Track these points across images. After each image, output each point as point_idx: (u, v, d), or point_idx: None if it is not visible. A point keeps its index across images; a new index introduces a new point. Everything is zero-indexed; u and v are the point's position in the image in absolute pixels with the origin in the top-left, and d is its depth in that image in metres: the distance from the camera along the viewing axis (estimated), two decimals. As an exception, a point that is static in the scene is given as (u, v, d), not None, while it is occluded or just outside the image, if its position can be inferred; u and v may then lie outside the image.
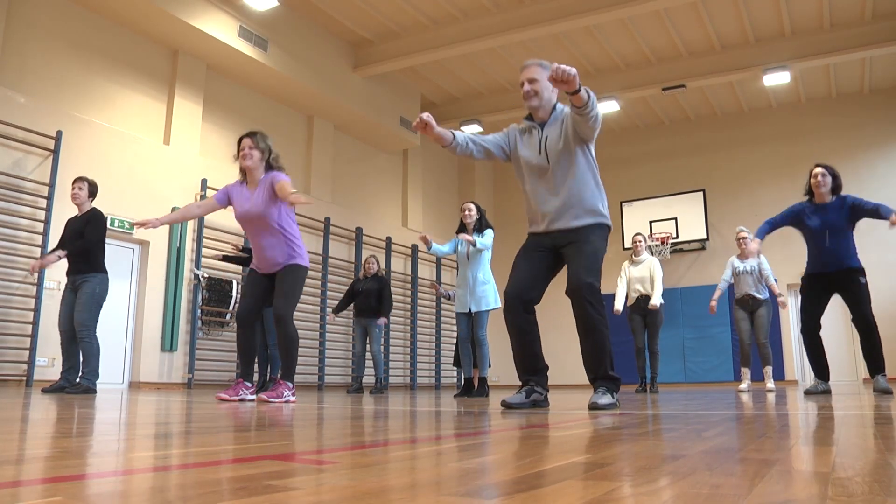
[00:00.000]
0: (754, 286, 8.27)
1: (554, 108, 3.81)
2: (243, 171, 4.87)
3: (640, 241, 8.71)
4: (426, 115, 3.57)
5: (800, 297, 6.10)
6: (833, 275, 5.77)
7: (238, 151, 4.85)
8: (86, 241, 6.39)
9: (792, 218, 6.02)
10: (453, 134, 3.77)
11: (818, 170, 5.94)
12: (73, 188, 6.58)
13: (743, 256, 8.39)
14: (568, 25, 10.86)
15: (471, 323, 6.91)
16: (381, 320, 8.69)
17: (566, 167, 3.69)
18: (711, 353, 14.05)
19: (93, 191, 6.65)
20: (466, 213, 7.00)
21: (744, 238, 8.34)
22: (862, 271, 5.72)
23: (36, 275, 8.18)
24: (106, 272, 6.55)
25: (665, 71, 12.81)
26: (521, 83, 3.78)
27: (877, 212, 5.59)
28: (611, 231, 3.80)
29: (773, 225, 6.08)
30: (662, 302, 8.60)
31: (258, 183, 4.78)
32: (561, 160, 3.69)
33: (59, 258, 6.33)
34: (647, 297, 8.50)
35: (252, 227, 4.78)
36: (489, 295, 6.83)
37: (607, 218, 3.77)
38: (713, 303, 8.46)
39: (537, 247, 3.78)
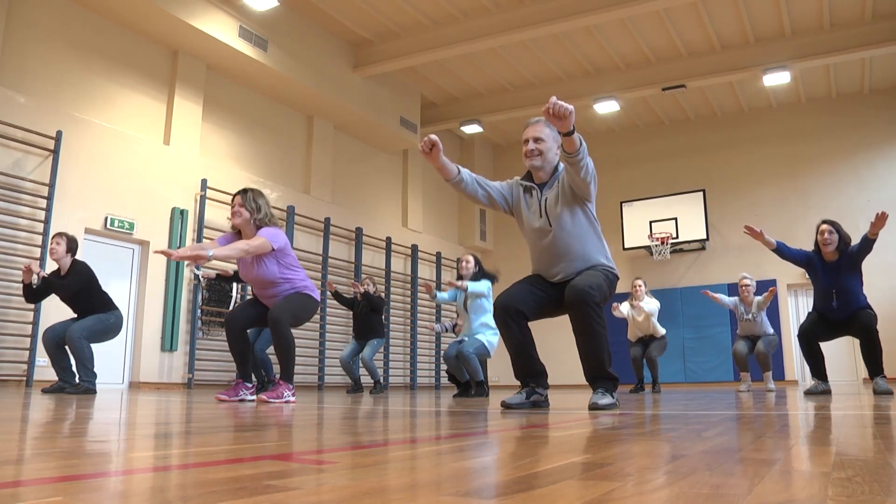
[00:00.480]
0: (757, 329, 8.34)
1: (555, 169, 3.77)
2: (234, 226, 4.87)
3: (639, 287, 8.75)
4: (434, 137, 3.52)
5: (799, 338, 6.17)
6: (840, 317, 5.91)
7: (231, 207, 4.84)
8: (67, 286, 6.29)
9: (803, 261, 6.08)
10: (458, 169, 3.72)
11: (825, 227, 5.95)
12: (52, 243, 6.42)
13: (746, 304, 8.40)
14: (568, 25, 10.86)
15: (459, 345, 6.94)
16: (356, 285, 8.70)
17: (568, 229, 3.66)
18: (711, 354, 14.05)
19: (71, 246, 6.44)
20: (464, 264, 7.05)
21: (747, 285, 8.35)
22: (868, 308, 5.82)
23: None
24: (117, 309, 6.51)
25: (665, 71, 12.81)
26: (526, 140, 3.72)
27: (865, 245, 5.77)
28: (618, 279, 3.76)
29: (785, 251, 6.12)
30: (663, 331, 8.82)
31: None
32: (562, 222, 3.66)
33: (41, 275, 6.27)
34: (650, 336, 8.74)
35: (257, 285, 4.84)
36: (485, 340, 6.84)
37: (613, 268, 3.75)
38: (709, 293, 8.51)
39: (541, 285, 3.76)
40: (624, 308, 8.75)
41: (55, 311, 7.31)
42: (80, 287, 6.34)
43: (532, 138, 3.70)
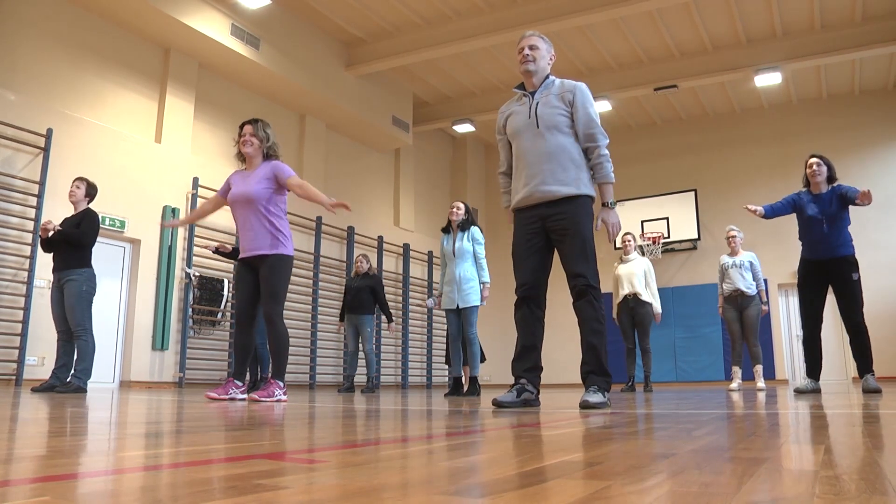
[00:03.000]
0: (743, 279, 8.30)
1: (546, 77, 3.91)
2: (242, 157, 4.94)
3: (629, 241, 8.74)
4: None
5: (798, 297, 6.16)
6: (828, 263, 5.88)
7: (239, 137, 4.93)
8: (81, 234, 6.35)
9: (791, 206, 6.16)
10: (508, 201, 4.02)
11: (813, 160, 6.09)
12: (72, 186, 6.62)
13: (733, 254, 8.45)
14: (560, 25, 10.88)
15: (460, 321, 6.90)
16: (391, 328, 8.98)
17: (555, 134, 3.75)
18: (702, 353, 14.10)
19: (90, 192, 6.64)
20: (454, 210, 7.05)
21: (733, 237, 8.44)
22: (855, 264, 5.84)
23: (26, 273, 8.14)
24: (91, 267, 6.52)
25: (657, 71, 12.84)
26: (521, 49, 3.88)
27: (853, 192, 5.78)
28: (594, 201, 3.83)
29: (775, 210, 6.19)
30: (659, 310, 8.66)
31: (255, 168, 4.87)
32: (550, 126, 3.76)
33: (55, 228, 6.30)
34: (635, 296, 8.51)
35: (241, 209, 4.81)
36: (476, 290, 6.83)
37: (591, 188, 3.82)
38: (721, 310, 8.52)
39: (528, 231, 3.81)
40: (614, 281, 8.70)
41: (45, 309, 7.27)
42: (91, 238, 6.43)
43: (527, 45, 3.88)
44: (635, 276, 8.53)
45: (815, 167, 6.02)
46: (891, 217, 13.28)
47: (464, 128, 14.78)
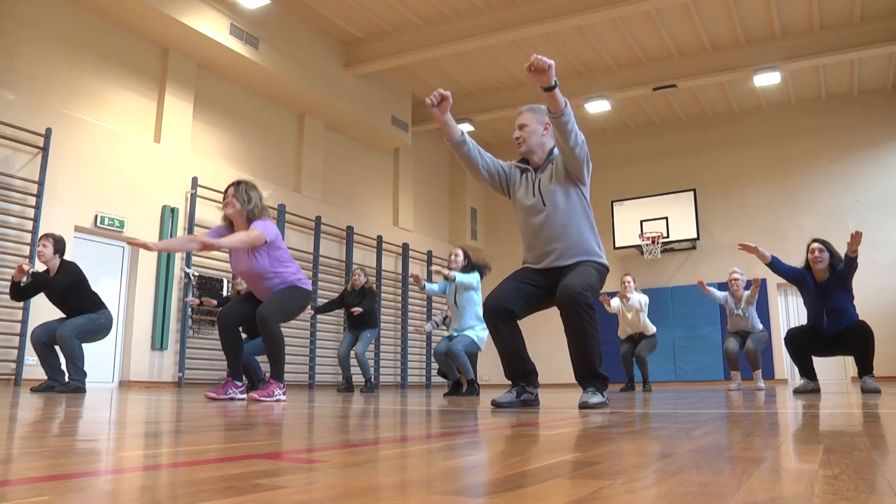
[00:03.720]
0: (747, 324, 8.38)
1: (550, 153, 3.80)
2: (227, 219, 4.86)
3: (629, 282, 8.74)
4: (446, 92, 3.53)
5: (788, 348, 6.25)
6: (834, 335, 5.97)
7: (224, 199, 4.85)
8: (55, 282, 6.25)
9: (794, 279, 6.14)
10: (462, 132, 3.74)
11: (815, 245, 5.99)
12: (39, 245, 6.41)
13: (736, 298, 8.44)
14: (559, 25, 10.87)
15: (449, 340, 6.92)
16: (355, 310, 8.65)
17: (561, 210, 3.67)
18: (701, 353, 14.11)
19: (58, 247, 6.42)
20: (453, 258, 7.04)
21: (735, 279, 8.40)
22: (858, 322, 5.87)
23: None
24: (106, 308, 6.49)
25: (656, 71, 12.84)
26: (515, 130, 3.80)
27: (849, 263, 5.80)
28: (608, 271, 3.76)
29: (777, 267, 6.18)
30: (654, 329, 8.82)
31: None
32: (556, 202, 3.67)
33: (31, 271, 6.24)
34: (640, 335, 8.76)
35: (248, 278, 4.82)
36: (473, 336, 6.82)
37: (603, 259, 3.75)
38: (703, 284, 8.51)
39: (530, 279, 3.75)
40: (614, 303, 8.76)
41: (44, 310, 7.26)
42: (69, 286, 6.30)
43: (517, 126, 3.79)
44: (639, 320, 8.71)
45: (817, 253, 5.92)
46: (891, 217, 13.29)
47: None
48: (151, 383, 9.39)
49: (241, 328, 4.99)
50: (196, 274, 10.04)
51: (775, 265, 6.11)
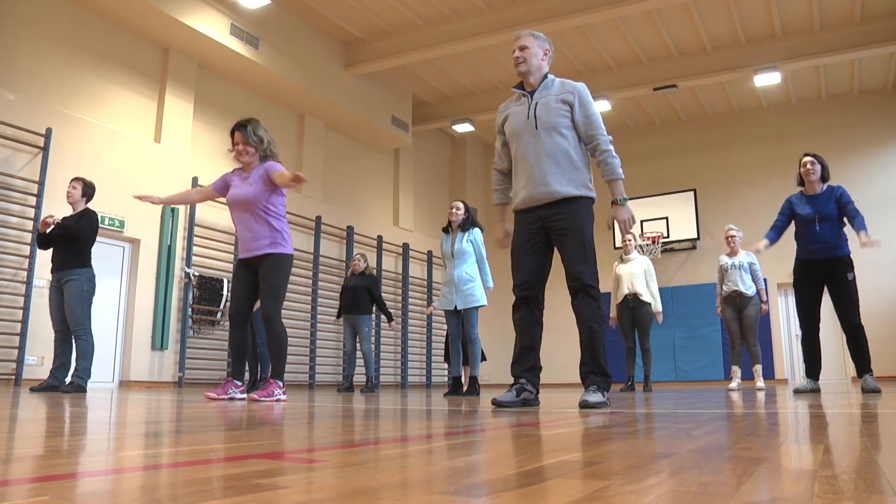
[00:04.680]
0: (742, 281, 8.29)
1: (545, 76, 3.89)
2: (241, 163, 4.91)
3: (630, 241, 8.71)
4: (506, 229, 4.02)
5: (794, 296, 6.16)
6: (823, 263, 5.88)
7: (232, 145, 4.85)
8: (78, 228, 6.33)
9: (787, 216, 6.13)
10: (504, 202, 4.10)
11: (807, 158, 6.10)
12: (69, 186, 6.60)
13: (732, 254, 8.44)
14: (560, 25, 10.88)
15: (461, 321, 6.88)
16: (392, 326, 8.93)
17: (555, 136, 3.74)
18: (702, 353, 14.11)
19: (87, 191, 6.60)
20: (454, 210, 7.03)
21: (732, 236, 8.43)
22: (850, 264, 5.84)
23: (25, 273, 8.14)
24: (91, 267, 6.51)
25: (656, 71, 12.84)
26: (513, 51, 3.88)
27: (853, 219, 5.78)
28: (594, 202, 3.83)
29: (778, 230, 6.16)
30: (659, 309, 8.64)
31: (252, 169, 4.83)
32: (549, 127, 3.75)
33: (55, 221, 6.30)
34: (635, 296, 8.50)
35: (240, 211, 4.79)
36: (476, 292, 6.79)
37: (592, 190, 3.81)
38: (719, 310, 8.50)
39: (528, 232, 3.80)
40: (614, 280, 8.68)
41: (45, 309, 7.27)
42: (87, 235, 6.40)
43: (518, 47, 3.87)
44: (635, 276, 8.51)
45: (808, 166, 6.02)
46: (891, 217, 13.29)
47: (463, 127, 14.78)
48: (152, 383, 9.39)
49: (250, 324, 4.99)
50: (196, 274, 10.04)
51: (774, 234, 6.19)
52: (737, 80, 13.27)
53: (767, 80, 12.48)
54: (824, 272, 5.87)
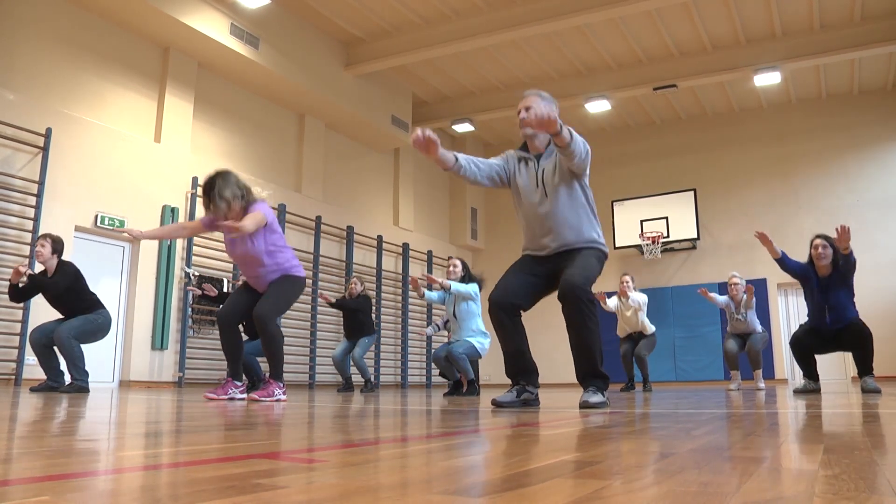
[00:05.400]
0: (749, 324, 8.40)
1: (550, 141, 3.79)
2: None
3: (627, 282, 8.70)
4: (430, 133, 3.43)
5: (791, 348, 6.26)
6: (834, 332, 5.99)
7: (209, 205, 4.57)
8: (53, 283, 6.23)
9: (800, 275, 6.17)
10: (455, 157, 3.67)
11: (818, 241, 6.03)
12: (38, 245, 6.39)
13: (735, 302, 8.45)
14: (559, 25, 10.87)
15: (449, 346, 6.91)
16: (325, 297, 8.65)
17: (563, 201, 3.69)
18: (702, 353, 14.10)
19: (56, 247, 6.38)
20: (451, 269, 7.06)
21: (735, 283, 8.43)
22: (858, 320, 5.91)
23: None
24: (104, 308, 6.47)
25: (656, 71, 12.84)
26: (518, 111, 3.72)
27: (846, 261, 5.86)
28: (607, 258, 3.80)
29: (786, 264, 6.20)
30: (653, 329, 8.77)
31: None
32: (558, 193, 3.69)
33: (28, 272, 6.18)
34: (639, 333, 8.74)
35: (242, 262, 4.79)
36: (473, 345, 6.80)
37: (604, 245, 3.79)
38: (705, 292, 8.51)
39: (532, 269, 3.77)
40: (612, 302, 8.75)
41: (44, 310, 7.26)
42: (67, 286, 6.29)
43: (524, 107, 3.71)
44: (637, 319, 8.68)
45: (820, 250, 5.97)
46: (891, 217, 13.29)
47: (463, 127, 14.78)
48: (152, 383, 9.39)
49: (241, 327, 4.97)
50: (196, 274, 10.04)
51: (784, 261, 6.16)
52: (737, 80, 13.26)
53: (767, 80, 12.48)
54: (834, 337, 6.01)
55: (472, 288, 6.82)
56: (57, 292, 6.28)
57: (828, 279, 5.94)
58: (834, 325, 5.91)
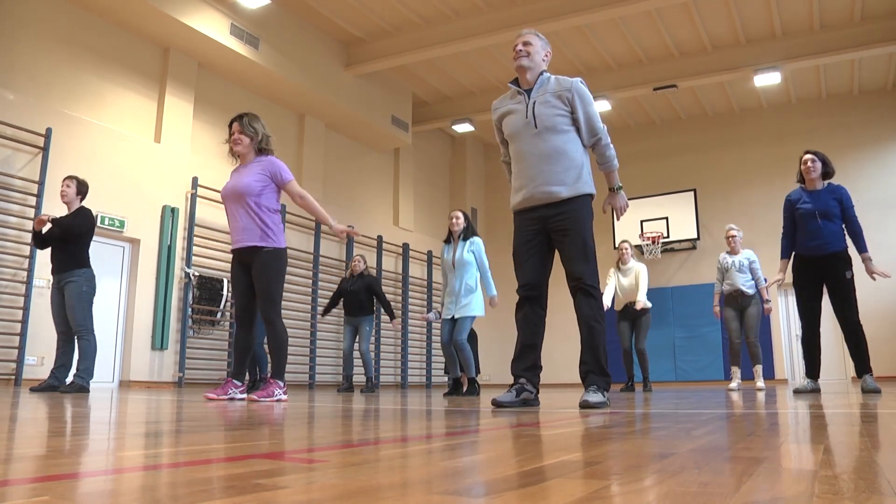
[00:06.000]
0: (743, 281, 8.27)
1: (541, 74, 3.89)
2: (235, 154, 4.91)
3: (626, 249, 8.68)
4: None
5: (794, 296, 6.16)
6: (821, 259, 5.84)
7: (229, 135, 4.92)
8: (73, 225, 6.30)
9: (790, 217, 6.12)
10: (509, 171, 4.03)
11: (807, 156, 6.10)
12: (62, 186, 6.54)
13: (732, 253, 8.43)
14: (560, 25, 10.88)
15: (453, 328, 6.90)
16: (395, 324, 8.83)
17: (553, 133, 3.74)
18: (702, 353, 14.11)
19: (81, 189, 6.55)
20: (454, 220, 7.05)
21: (733, 236, 8.41)
22: (849, 261, 5.80)
23: (25, 273, 8.14)
24: (90, 267, 6.50)
25: (656, 71, 12.84)
26: (515, 45, 3.88)
27: (855, 235, 5.80)
28: (594, 198, 3.85)
29: (789, 237, 6.14)
30: (650, 305, 8.61)
31: (249, 163, 4.86)
32: (548, 126, 3.74)
33: (50, 219, 6.25)
34: (636, 311, 8.58)
35: (231, 203, 4.81)
36: (474, 302, 6.80)
37: (591, 185, 3.82)
38: (716, 309, 8.47)
39: (529, 232, 3.81)
40: (608, 290, 8.65)
41: (44, 309, 7.27)
42: (82, 232, 6.36)
43: (522, 42, 3.87)
44: (635, 288, 8.55)
45: (809, 164, 6.03)
46: (891, 217, 13.29)
47: (463, 127, 14.78)
48: (152, 383, 9.39)
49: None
50: (196, 274, 10.04)
51: (786, 246, 6.17)
52: (737, 80, 13.27)
53: (767, 80, 12.48)
54: (823, 270, 5.86)
55: (483, 258, 6.89)
56: (72, 234, 6.31)
57: (818, 192, 5.91)
58: (822, 241, 5.77)
